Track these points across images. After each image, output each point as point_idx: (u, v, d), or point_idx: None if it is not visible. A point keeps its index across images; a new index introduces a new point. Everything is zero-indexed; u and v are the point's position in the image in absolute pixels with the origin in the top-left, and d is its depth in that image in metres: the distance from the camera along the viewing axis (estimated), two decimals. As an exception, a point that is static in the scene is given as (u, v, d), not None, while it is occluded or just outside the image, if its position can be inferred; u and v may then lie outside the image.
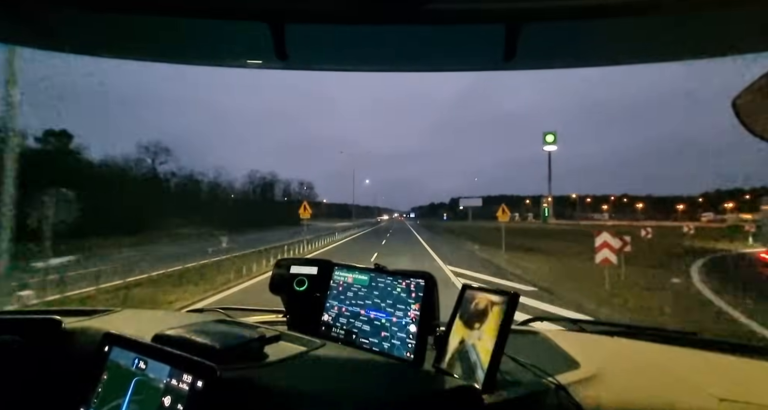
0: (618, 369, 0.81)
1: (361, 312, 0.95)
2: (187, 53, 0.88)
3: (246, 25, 0.71)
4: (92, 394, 0.73)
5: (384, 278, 0.95)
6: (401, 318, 0.89)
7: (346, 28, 0.73)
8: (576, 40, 0.77)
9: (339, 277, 1.03)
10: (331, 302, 1.01)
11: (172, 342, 0.75)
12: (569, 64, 0.90)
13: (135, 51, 0.87)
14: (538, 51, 0.80)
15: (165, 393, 0.66)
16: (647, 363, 0.86)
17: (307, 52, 0.82)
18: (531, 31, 0.70)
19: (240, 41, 0.79)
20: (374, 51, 0.84)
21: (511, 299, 0.72)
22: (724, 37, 0.71)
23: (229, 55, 0.88)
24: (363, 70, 0.95)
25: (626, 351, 0.93)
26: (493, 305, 0.74)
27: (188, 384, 0.64)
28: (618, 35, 0.74)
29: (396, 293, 0.92)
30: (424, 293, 0.89)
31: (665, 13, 0.65)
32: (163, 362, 0.69)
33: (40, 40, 0.81)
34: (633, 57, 0.83)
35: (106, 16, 0.70)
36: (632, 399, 0.70)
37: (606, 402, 0.69)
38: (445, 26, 0.72)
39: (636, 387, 0.74)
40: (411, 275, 0.92)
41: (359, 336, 0.92)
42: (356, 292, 0.98)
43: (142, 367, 0.71)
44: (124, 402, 0.69)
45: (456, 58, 0.88)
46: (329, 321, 0.99)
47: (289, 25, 0.70)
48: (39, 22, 0.73)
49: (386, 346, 0.88)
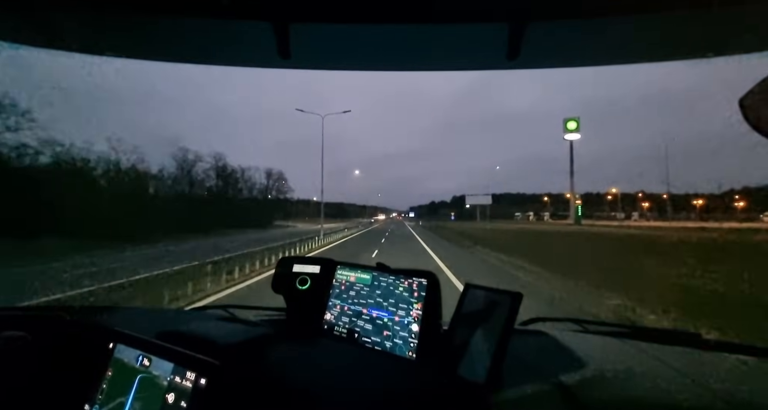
0: (622, 370, 0.81)
1: (364, 310, 0.95)
2: (190, 53, 0.89)
3: (250, 25, 0.72)
4: (97, 391, 0.74)
5: (386, 277, 0.95)
6: (404, 317, 0.89)
7: (349, 28, 0.74)
8: (579, 39, 0.77)
9: (341, 276, 1.03)
10: (334, 301, 1.01)
11: (175, 340, 0.75)
12: (572, 63, 0.89)
13: (138, 50, 0.88)
14: (542, 50, 0.79)
15: (169, 390, 0.66)
16: (651, 363, 0.86)
17: (310, 51, 0.82)
18: (534, 30, 0.70)
19: (244, 41, 0.79)
20: (377, 50, 0.84)
21: (513, 298, 0.72)
22: (729, 37, 0.70)
23: (233, 55, 0.88)
24: (366, 69, 0.95)
25: (630, 352, 0.93)
26: (496, 305, 0.74)
27: (192, 381, 0.65)
28: (621, 34, 0.74)
29: (398, 293, 0.92)
30: (426, 292, 0.89)
31: (669, 12, 0.65)
32: (166, 359, 0.69)
33: (42, 38, 0.81)
34: (636, 56, 0.82)
35: (110, 15, 0.71)
36: (635, 399, 0.69)
37: (609, 403, 0.68)
38: (449, 25, 0.72)
39: (640, 388, 0.74)
40: (413, 274, 0.92)
41: (361, 335, 0.93)
42: (359, 291, 0.98)
43: (146, 364, 0.71)
44: (129, 399, 0.70)
45: (459, 57, 0.88)
46: (331, 320, 0.99)
47: (292, 25, 0.70)
48: (41, 21, 0.74)
49: (388, 345, 0.88)
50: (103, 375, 0.74)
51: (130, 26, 0.75)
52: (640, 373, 0.80)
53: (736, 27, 0.68)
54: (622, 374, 0.78)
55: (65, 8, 0.70)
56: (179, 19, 0.71)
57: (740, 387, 0.75)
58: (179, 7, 0.67)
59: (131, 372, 0.72)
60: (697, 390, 0.72)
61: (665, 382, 0.76)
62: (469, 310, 0.80)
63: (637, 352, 0.92)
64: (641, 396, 0.71)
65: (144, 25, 0.74)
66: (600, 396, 0.70)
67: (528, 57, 0.78)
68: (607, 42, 0.77)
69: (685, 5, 0.63)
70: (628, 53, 0.81)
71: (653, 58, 0.81)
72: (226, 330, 0.89)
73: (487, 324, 0.74)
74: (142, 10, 0.68)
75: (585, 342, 1.00)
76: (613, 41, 0.76)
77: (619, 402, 0.68)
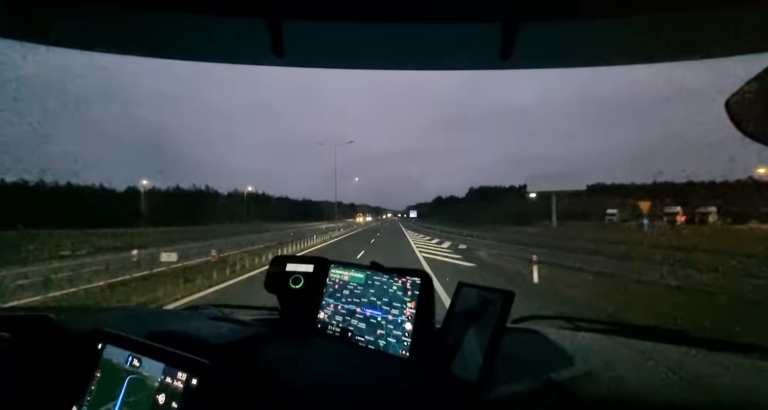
0: (612, 367, 0.82)
1: (357, 309, 0.95)
2: (182, 49, 0.88)
3: (243, 22, 0.71)
4: (85, 393, 0.72)
5: (380, 276, 0.95)
6: (397, 316, 0.89)
7: (342, 26, 0.73)
8: (573, 40, 0.77)
9: (335, 275, 1.03)
10: (327, 300, 1.01)
11: (166, 340, 0.74)
12: (566, 64, 0.90)
13: (130, 47, 0.86)
14: (535, 50, 0.80)
15: (159, 391, 0.65)
16: (640, 360, 0.87)
17: (303, 49, 0.82)
18: (528, 30, 0.70)
19: (237, 37, 0.78)
20: (370, 49, 0.84)
21: (506, 297, 0.73)
22: (721, 38, 0.71)
23: (226, 51, 0.87)
24: (358, 67, 0.95)
25: (620, 349, 0.94)
26: (488, 304, 0.75)
27: (183, 381, 0.64)
28: (614, 35, 0.75)
29: (392, 292, 0.92)
30: (420, 291, 0.89)
31: (660, 13, 0.66)
32: (157, 360, 0.68)
33: (35, 34, 0.79)
34: (628, 57, 0.83)
35: (102, 11, 0.69)
36: (625, 395, 0.71)
37: (600, 400, 0.69)
38: (442, 25, 0.72)
39: (629, 385, 0.75)
40: (407, 273, 0.92)
41: (355, 334, 0.93)
42: (352, 290, 0.98)
43: (136, 365, 0.70)
44: (118, 401, 0.68)
45: (452, 57, 0.88)
46: (325, 319, 0.99)
47: (286, 22, 0.70)
48: (35, 16, 0.72)
49: (382, 344, 0.88)
50: (91, 376, 0.73)
51: (120, 22, 0.74)
52: (630, 370, 0.81)
53: (725, 29, 0.69)
54: (612, 371, 0.80)
55: (54, 2, 0.69)
56: (170, 15, 0.70)
57: (727, 383, 0.76)
58: (171, 3, 0.66)
59: (121, 373, 0.71)
60: (685, 386, 0.73)
61: (654, 378, 0.77)
62: (462, 309, 0.81)
63: (627, 349, 0.93)
64: (631, 392, 0.72)
65: (134, 21, 0.73)
66: (590, 392, 0.71)
67: (521, 57, 0.78)
68: (600, 42, 0.78)
69: (676, 7, 0.64)
70: (622, 54, 0.82)
71: (645, 59, 0.82)
72: (218, 330, 0.88)
73: (479, 323, 0.74)
74: (133, 5, 0.67)
75: (576, 339, 1.01)
76: (606, 42, 0.77)
77: (610, 399, 0.69)
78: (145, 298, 7.11)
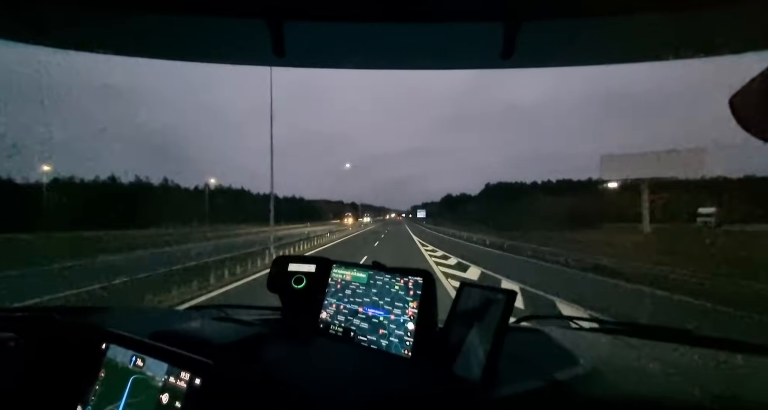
0: (615, 366, 0.82)
1: (359, 309, 0.95)
2: (184, 50, 0.88)
3: (244, 23, 0.71)
4: (90, 392, 0.73)
5: (382, 276, 0.95)
6: (399, 316, 0.89)
7: (343, 26, 0.73)
8: (574, 39, 0.77)
9: (337, 275, 1.03)
10: (330, 299, 1.01)
11: (169, 340, 0.75)
12: (567, 63, 0.90)
13: (132, 48, 0.86)
14: (537, 49, 0.80)
15: (163, 391, 0.66)
16: (643, 359, 0.87)
17: (304, 49, 0.82)
18: (529, 29, 0.70)
19: (238, 38, 0.78)
20: (371, 49, 0.84)
21: (508, 296, 0.73)
22: (723, 36, 0.71)
23: (227, 52, 0.87)
24: (360, 67, 0.95)
25: (622, 348, 0.94)
26: (490, 303, 0.75)
27: (186, 381, 0.64)
28: (616, 34, 0.74)
29: (394, 291, 0.92)
30: (422, 290, 0.89)
31: (662, 11, 0.65)
32: (160, 359, 0.69)
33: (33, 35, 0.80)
34: (630, 56, 0.83)
35: (104, 13, 0.70)
36: (628, 395, 0.70)
37: (603, 399, 0.69)
38: (444, 24, 0.72)
39: (632, 384, 0.75)
40: (409, 273, 0.92)
41: (357, 334, 0.93)
42: (354, 290, 0.98)
43: (139, 365, 0.70)
44: (122, 400, 0.69)
45: (454, 56, 0.88)
46: (327, 319, 0.99)
47: (287, 23, 0.70)
48: (35, 17, 0.72)
49: (384, 343, 0.88)
50: (95, 376, 0.73)
51: (122, 23, 0.74)
52: (633, 369, 0.81)
53: (727, 27, 0.69)
54: (614, 370, 0.79)
55: (55, 4, 0.69)
56: (172, 16, 0.70)
57: (729, 383, 0.76)
58: (172, 3, 0.67)
59: (124, 372, 0.71)
60: (688, 385, 0.73)
61: (657, 378, 0.77)
62: (464, 308, 0.81)
63: (630, 348, 0.93)
64: (634, 391, 0.71)
65: (136, 22, 0.73)
66: (593, 392, 0.70)
67: (523, 56, 0.78)
68: (601, 41, 0.77)
69: (677, 5, 0.63)
70: (624, 52, 0.82)
71: (648, 58, 0.81)
72: (221, 330, 0.89)
73: (481, 322, 0.74)
74: (134, 6, 0.67)
75: (578, 338, 1.01)
76: (607, 40, 0.77)
77: (612, 398, 0.69)
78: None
